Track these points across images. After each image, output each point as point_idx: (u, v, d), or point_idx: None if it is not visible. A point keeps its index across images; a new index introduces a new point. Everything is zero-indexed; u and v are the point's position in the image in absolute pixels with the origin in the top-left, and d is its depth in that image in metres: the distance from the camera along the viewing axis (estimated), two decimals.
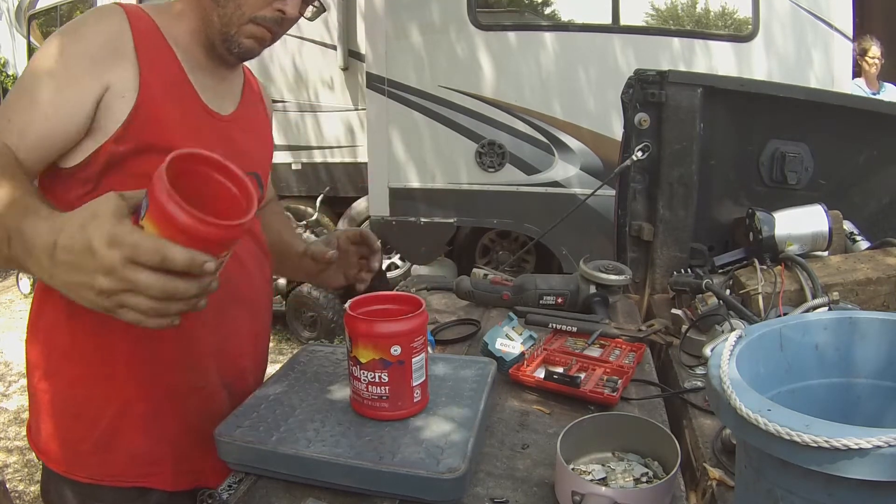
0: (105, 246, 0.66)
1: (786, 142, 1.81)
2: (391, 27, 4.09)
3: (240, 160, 0.94)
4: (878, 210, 1.85)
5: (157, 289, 0.67)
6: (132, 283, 0.67)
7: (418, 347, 0.91)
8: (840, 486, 0.54)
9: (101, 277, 0.67)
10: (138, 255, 0.66)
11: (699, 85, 1.75)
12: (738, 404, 0.59)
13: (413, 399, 0.92)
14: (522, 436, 1.00)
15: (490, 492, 0.85)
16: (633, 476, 0.86)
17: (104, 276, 0.67)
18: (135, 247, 0.66)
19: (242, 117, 1.10)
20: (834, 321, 0.76)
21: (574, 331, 1.35)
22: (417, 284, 1.78)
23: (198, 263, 0.67)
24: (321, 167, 5.58)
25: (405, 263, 5.05)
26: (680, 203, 1.80)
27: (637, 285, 1.88)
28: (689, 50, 3.93)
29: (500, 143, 4.08)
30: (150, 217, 0.67)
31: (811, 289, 1.38)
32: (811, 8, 3.78)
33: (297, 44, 5.22)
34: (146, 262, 0.66)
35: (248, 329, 1.11)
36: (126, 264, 0.66)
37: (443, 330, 1.48)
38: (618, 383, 1.10)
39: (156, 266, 0.66)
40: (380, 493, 0.82)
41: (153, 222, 0.67)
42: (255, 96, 1.17)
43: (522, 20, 4.39)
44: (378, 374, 0.89)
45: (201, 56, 1.01)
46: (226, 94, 1.07)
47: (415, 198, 4.28)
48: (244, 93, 1.12)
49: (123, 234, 0.67)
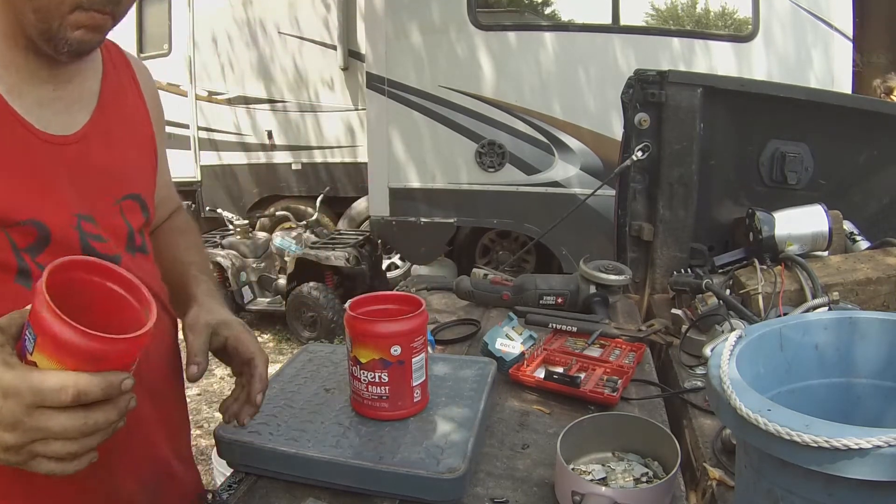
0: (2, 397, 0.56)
1: (786, 142, 1.81)
2: (391, 27, 4.09)
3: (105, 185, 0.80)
4: (878, 210, 1.85)
5: (75, 430, 0.57)
6: (43, 431, 0.57)
7: (418, 347, 0.90)
8: (840, 486, 0.54)
9: (4, 433, 0.56)
10: (44, 399, 0.56)
11: (699, 85, 1.75)
12: (738, 404, 0.59)
13: (413, 399, 0.92)
14: (522, 436, 1.00)
15: (490, 492, 0.85)
16: (633, 476, 0.86)
17: (8, 431, 0.56)
18: (37, 391, 0.56)
19: (101, 126, 0.82)
20: (834, 321, 0.76)
21: (574, 331, 1.35)
22: (417, 284, 1.78)
23: (115, 386, 0.58)
24: (321, 167, 5.59)
25: (405, 263, 5.05)
26: (680, 203, 1.80)
27: (637, 285, 1.88)
28: (689, 50, 3.93)
29: (500, 143, 4.08)
30: (41, 350, 0.57)
31: (811, 289, 1.38)
32: (811, 8, 3.78)
33: (298, 44, 5.23)
34: (55, 403, 0.56)
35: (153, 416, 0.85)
36: (31, 412, 0.56)
37: (443, 330, 1.48)
38: (618, 383, 1.10)
39: (68, 405, 0.56)
40: (380, 493, 0.82)
41: (47, 355, 0.57)
42: (122, 85, 0.88)
43: (522, 20, 4.40)
44: (378, 374, 0.89)
45: (25, 62, 0.74)
46: (73, 103, 0.79)
47: (415, 198, 4.28)
48: (104, 88, 0.84)
49: (17, 379, 0.56)
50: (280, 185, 5.75)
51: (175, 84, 5.76)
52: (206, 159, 5.94)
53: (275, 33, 5.33)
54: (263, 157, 5.71)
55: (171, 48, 5.84)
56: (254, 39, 5.45)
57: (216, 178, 5.96)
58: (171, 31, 5.79)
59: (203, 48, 5.66)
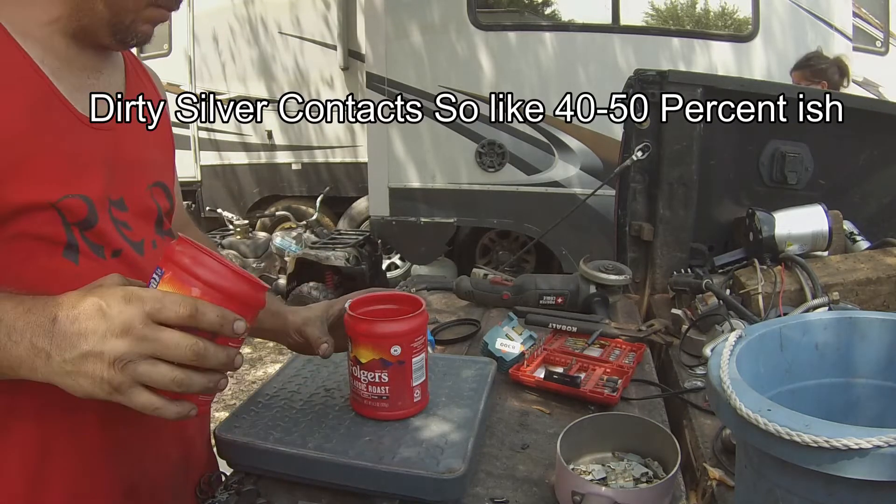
0: (121, 302, 0.57)
1: (786, 142, 1.82)
2: (391, 27, 4.09)
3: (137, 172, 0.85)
4: (878, 210, 1.85)
5: (186, 348, 0.58)
6: (154, 343, 0.57)
7: (418, 347, 0.90)
8: (840, 486, 0.54)
9: (115, 340, 0.56)
10: (163, 308, 0.57)
11: (699, 85, 1.75)
12: (738, 404, 0.59)
13: (413, 399, 0.92)
14: (522, 436, 1.00)
15: (490, 492, 0.85)
16: (633, 476, 0.86)
17: (119, 337, 0.56)
18: (158, 299, 0.57)
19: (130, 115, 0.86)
20: (834, 321, 0.76)
21: (574, 331, 1.35)
22: (417, 284, 1.78)
23: (229, 320, 0.59)
24: (322, 167, 5.59)
25: (405, 263, 5.05)
26: (680, 203, 1.80)
27: (637, 285, 1.88)
28: (689, 50, 3.93)
29: (500, 143, 4.08)
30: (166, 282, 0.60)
31: (811, 289, 1.38)
32: (811, 8, 3.78)
33: (298, 44, 5.23)
34: (173, 315, 0.57)
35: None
36: (147, 322, 0.57)
37: (443, 330, 1.48)
38: (618, 383, 1.10)
39: (184, 321, 0.57)
40: (380, 493, 0.82)
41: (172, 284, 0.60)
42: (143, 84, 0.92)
43: (522, 20, 4.40)
44: (378, 374, 0.89)
45: (65, 49, 0.76)
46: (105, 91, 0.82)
47: (415, 198, 4.28)
48: (129, 80, 0.87)
49: (141, 290, 0.58)
50: (280, 184, 5.75)
51: (175, 84, 5.76)
52: (207, 159, 5.95)
53: (275, 33, 5.34)
54: (264, 156, 5.71)
55: (171, 48, 5.84)
56: (254, 39, 5.45)
57: (216, 178, 5.96)
58: (170, 31, 5.79)
59: (203, 48, 5.67)
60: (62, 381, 0.59)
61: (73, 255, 0.73)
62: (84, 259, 0.73)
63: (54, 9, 0.73)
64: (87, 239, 0.74)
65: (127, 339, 0.57)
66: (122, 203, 0.80)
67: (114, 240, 0.77)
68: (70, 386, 0.59)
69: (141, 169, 0.85)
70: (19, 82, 0.71)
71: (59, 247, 0.72)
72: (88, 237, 0.74)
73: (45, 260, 0.71)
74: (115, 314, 0.57)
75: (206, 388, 0.62)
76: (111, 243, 0.77)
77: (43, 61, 0.73)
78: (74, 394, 0.59)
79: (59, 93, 0.74)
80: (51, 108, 0.73)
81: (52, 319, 0.58)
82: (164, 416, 0.60)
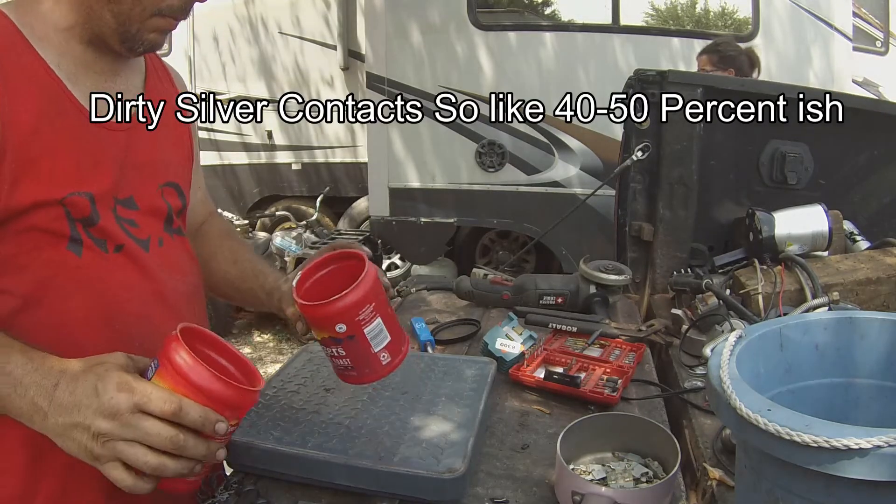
0: (114, 389, 0.64)
1: (786, 142, 1.81)
2: (391, 27, 4.09)
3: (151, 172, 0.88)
4: (878, 210, 1.85)
5: (166, 438, 0.64)
6: (136, 430, 0.63)
7: (367, 318, 0.83)
8: (840, 486, 0.54)
9: (102, 420, 0.63)
10: (149, 402, 0.63)
11: (699, 85, 1.75)
12: (738, 404, 0.59)
13: (381, 362, 0.87)
14: (522, 436, 1.00)
15: (490, 492, 0.85)
16: (633, 476, 0.86)
17: (106, 418, 0.63)
18: (146, 394, 0.63)
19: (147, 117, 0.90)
20: (834, 321, 0.76)
21: (574, 331, 1.35)
22: (417, 284, 1.78)
23: (211, 421, 0.65)
24: (322, 167, 5.58)
25: (405, 263, 5.05)
26: (680, 203, 1.80)
27: (637, 285, 1.88)
28: (689, 50, 3.92)
29: (500, 143, 4.08)
30: (160, 376, 0.65)
31: (811, 289, 1.38)
32: (811, 8, 3.78)
33: (298, 44, 5.23)
34: (157, 410, 0.63)
35: None
36: (134, 411, 0.63)
37: (443, 330, 1.47)
38: (618, 383, 1.10)
39: (167, 417, 0.63)
40: (380, 492, 0.82)
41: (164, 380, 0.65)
42: (164, 85, 0.95)
43: (522, 20, 4.40)
44: (334, 349, 0.85)
45: (82, 54, 0.80)
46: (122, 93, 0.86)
47: (415, 198, 4.28)
48: (148, 82, 0.91)
49: (134, 380, 0.64)
50: (280, 184, 5.75)
51: None
52: (206, 159, 5.94)
53: (275, 33, 5.34)
54: (264, 156, 5.71)
55: (171, 48, 5.84)
56: (254, 39, 5.45)
57: (216, 178, 5.96)
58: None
59: (203, 48, 5.66)
60: (54, 438, 0.67)
61: (76, 248, 0.78)
62: (87, 252, 0.78)
63: (70, 16, 0.78)
64: (90, 234, 0.79)
65: (113, 422, 0.63)
66: (130, 201, 0.84)
67: (117, 236, 0.81)
68: (61, 444, 0.66)
69: (153, 169, 0.89)
70: (32, 86, 0.75)
71: (64, 240, 0.77)
72: (92, 233, 0.79)
73: (51, 252, 0.76)
74: (106, 398, 0.63)
75: (181, 474, 0.67)
76: (114, 238, 0.81)
77: (59, 65, 0.78)
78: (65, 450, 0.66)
79: (72, 95, 0.78)
80: (63, 111, 0.77)
81: (55, 385, 0.65)
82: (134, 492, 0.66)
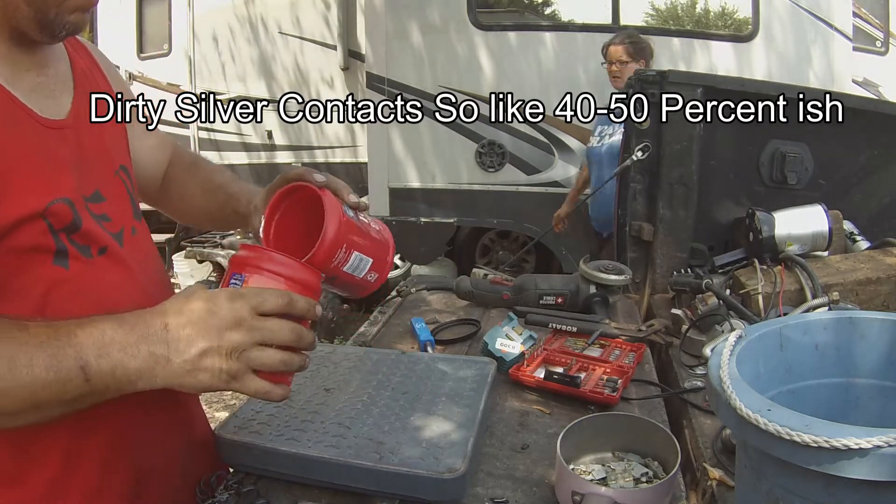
0: (227, 302, 0.66)
1: (786, 142, 1.82)
2: (391, 27, 4.09)
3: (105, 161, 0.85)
4: (878, 210, 1.85)
5: (289, 331, 0.67)
6: (262, 331, 0.66)
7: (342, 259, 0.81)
8: (840, 486, 0.54)
9: (230, 333, 0.65)
10: (265, 301, 0.66)
11: (699, 85, 1.75)
12: (738, 404, 0.59)
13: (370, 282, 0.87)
14: (522, 436, 1.00)
15: (490, 492, 0.85)
16: (633, 476, 0.86)
17: (232, 330, 0.65)
18: (259, 295, 0.66)
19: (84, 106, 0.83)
20: (834, 321, 0.76)
21: (574, 331, 1.35)
22: (417, 284, 1.78)
23: (314, 306, 0.70)
24: (322, 167, 5.57)
25: (405, 263, 5.05)
26: (680, 203, 1.80)
27: (637, 285, 1.88)
28: (690, 50, 3.93)
29: (500, 143, 4.08)
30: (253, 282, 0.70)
31: (811, 289, 1.38)
32: (811, 8, 3.78)
33: (298, 44, 5.23)
34: (273, 306, 0.66)
35: None
36: (253, 315, 0.66)
37: (443, 330, 1.47)
38: (618, 383, 1.10)
39: (281, 311, 0.67)
40: (380, 492, 0.82)
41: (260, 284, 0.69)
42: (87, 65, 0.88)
43: (522, 20, 4.39)
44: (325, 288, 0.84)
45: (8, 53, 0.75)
46: (55, 88, 0.80)
47: (415, 198, 4.28)
48: (74, 70, 0.85)
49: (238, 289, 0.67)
50: None
51: (175, 84, 5.75)
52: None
53: (275, 33, 5.33)
54: (264, 156, 5.71)
55: (171, 48, 5.84)
56: (254, 39, 5.45)
57: None
58: (171, 31, 5.79)
59: (203, 48, 5.66)
60: (182, 381, 0.66)
61: (62, 261, 0.74)
62: (73, 262, 0.74)
63: None
64: (74, 242, 0.75)
65: (240, 331, 0.65)
66: (97, 195, 0.80)
67: (98, 237, 0.78)
68: (189, 384, 0.66)
69: (105, 157, 0.85)
70: None
71: (50, 255, 0.73)
72: (75, 240, 0.75)
73: (39, 270, 0.72)
74: (224, 312, 0.65)
75: (301, 366, 0.71)
76: (97, 241, 0.78)
77: None
78: (192, 390, 0.67)
79: (17, 99, 0.73)
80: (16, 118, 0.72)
81: (164, 328, 0.65)
82: (271, 399, 0.69)
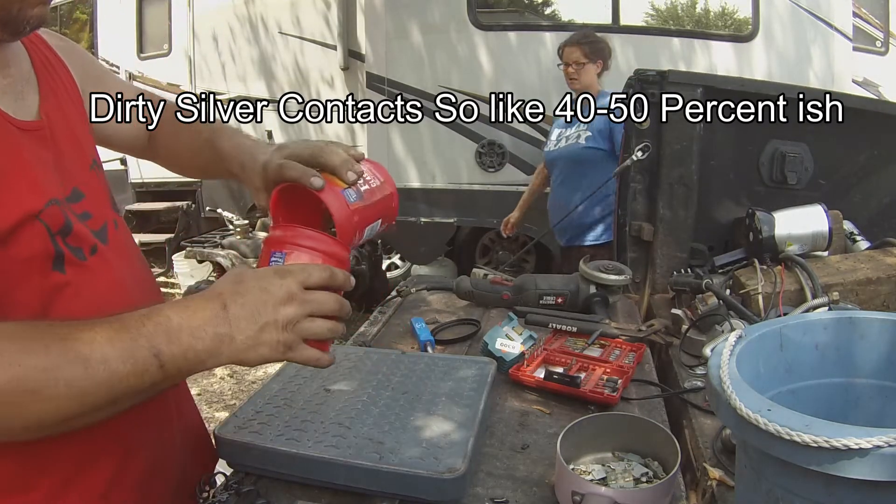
0: (277, 279, 0.70)
1: (786, 142, 1.82)
2: (391, 27, 4.09)
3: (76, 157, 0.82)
4: (878, 210, 1.85)
5: (334, 301, 0.72)
6: (312, 303, 0.71)
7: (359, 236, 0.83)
8: (840, 486, 0.54)
9: (284, 307, 0.69)
10: (310, 276, 0.71)
11: (699, 85, 1.75)
12: (738, 404, 0.59)
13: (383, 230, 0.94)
14: (522, 436, 1.00)
15: (490, 492, 0.85)
16: (633, 476, 0.86)
17: (285, 304, 0.69)
18: (305, 270, 0.71)
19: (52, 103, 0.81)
20: (834, 321, 0.76)
21: (574, 331, 1.35)
22: (417, 284, 1.78)
23: (349, 277, 0.75)
24: None
25: (405, 263, 5.05)
26: (680, 203, 1.80)
27: (637, 285, 1.88)
28: (690, 50, 3.93)
29: (500, 143, 4.08)
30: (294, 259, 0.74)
31: (811, 289, 1.38)
32: (811, 8, 3.78)
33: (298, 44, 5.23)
34: (318, 280, 0.71)
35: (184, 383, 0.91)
36: (301, 288, 0.70)
37: (443, 330, 1.47)
38: (618, 383, 1.10)
39: (324, 284, 0.72)
40: (379, 492, 0.82)
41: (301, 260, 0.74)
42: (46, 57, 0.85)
43: (522, 20, 4.39)
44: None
45: None
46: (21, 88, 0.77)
47: (415, 198, 4.28)
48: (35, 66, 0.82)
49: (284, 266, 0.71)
50: None
51: (175, 84, 5.75)
52: None
53: (275, 33, 5.33)
54: None
55: (171, 48, 5.84)
56: (254, 39, 5.44)
57: None
58: (171, 31, 5.78)
59: (203, 48, 5.66)
60: (245, 356, 0.69)
61: (60, 265, 0.72)
62: (69, 266, 0.73)
63: None
64: (68, 245, 0.73)
65: (293, 305, 0.70)
66: (77, 193, 0.79)
67: (86, 237, 0.77)
68: (251, 357, 0.70)
69: (80, 153, 0.84)
70: None
71: (49, 261, 0.71)
72: (69, 243, 0.74)
73: (39, 279, 0.70)
74: (276, 288, 0.69)
75: (342, 333, 0.77)
76: (86, 241, 0.76)
77: None
78: (252, 363, 0.70)
79: None
80: None
81: (223, 307, 0.69)
82: (321, 365, 0.74)
